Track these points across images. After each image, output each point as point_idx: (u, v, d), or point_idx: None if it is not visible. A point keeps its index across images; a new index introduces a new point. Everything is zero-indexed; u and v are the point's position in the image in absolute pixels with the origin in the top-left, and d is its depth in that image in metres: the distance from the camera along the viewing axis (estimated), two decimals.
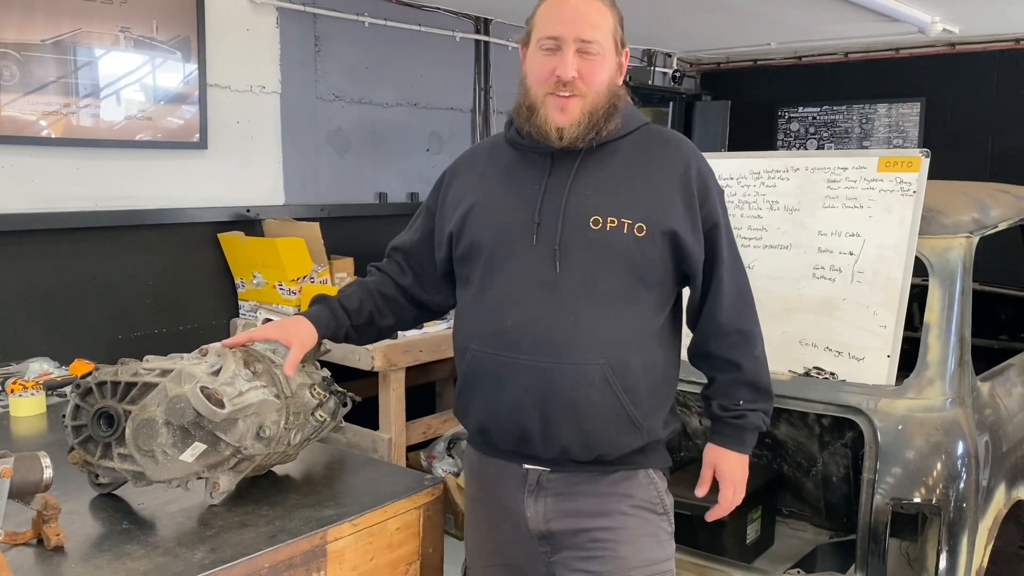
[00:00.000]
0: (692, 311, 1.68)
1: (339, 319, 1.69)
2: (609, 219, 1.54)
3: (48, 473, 1.26)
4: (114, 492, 1.56)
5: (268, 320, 1.70)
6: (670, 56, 5.89)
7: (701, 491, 1.71)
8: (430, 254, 1.75)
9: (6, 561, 1.19)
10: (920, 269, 2.25)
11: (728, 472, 1.69)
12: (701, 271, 1.61)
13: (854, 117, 5.65)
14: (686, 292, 1.69)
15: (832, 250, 2.29)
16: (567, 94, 1.54)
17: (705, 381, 1.74)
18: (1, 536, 1.18)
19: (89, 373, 1.52)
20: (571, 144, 1.57)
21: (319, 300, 1.72)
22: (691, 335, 1.72)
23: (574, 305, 1.53)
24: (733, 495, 1.70)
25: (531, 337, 1.54)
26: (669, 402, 1.65)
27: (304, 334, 1.63)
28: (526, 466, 1.60)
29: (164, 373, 1.47)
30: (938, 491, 2.05)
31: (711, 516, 1.73)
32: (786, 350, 2.29)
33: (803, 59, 5.75)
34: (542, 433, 1.55)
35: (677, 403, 1.83)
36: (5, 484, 1.16)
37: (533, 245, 1.56)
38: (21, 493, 1.25)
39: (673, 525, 1.68)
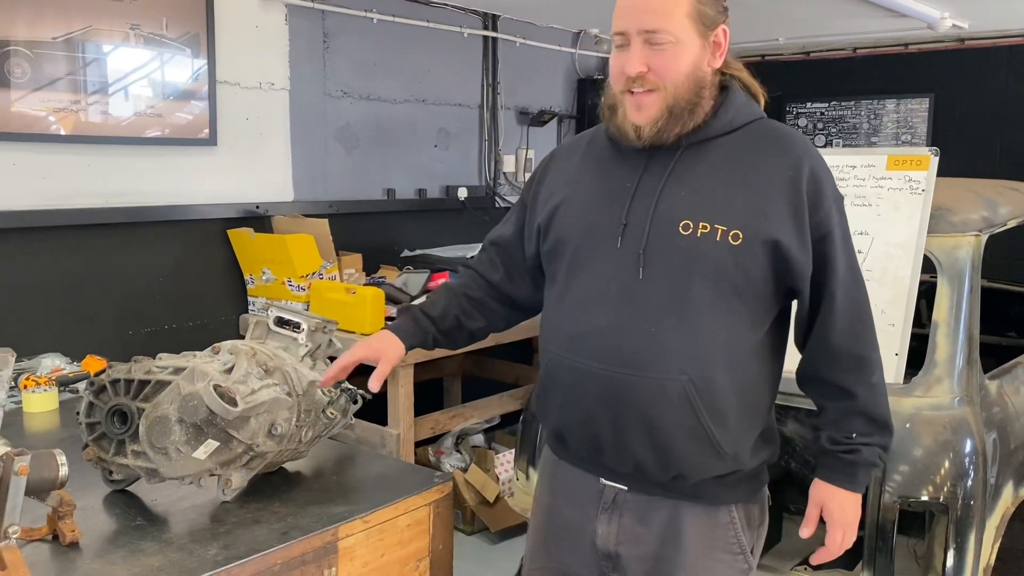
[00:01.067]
0: (800, 329, 1.53)
1: (423, 327, 1.66)
2: (701, 224, 1.41)
3: (64, 471, 1.28)
4: (127, 488, 1.58)
5: (280, 318, 1.71)
6: None
7: (805, 532, 1.54)
8: (521, 248, 1.68)
9: (22, 557, 1.21)
10: (928, 266, 2.26)
11: (837, 512, 1.51)
12: (809, 285, 1.46)
13: (863, 113, 5.63)
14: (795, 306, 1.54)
15: None
16: (640, 90, 1.43)
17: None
18: (18, 532, 1.19)
19: (103, 371, 1.54)
20: (654, 142, 1.45)
21: (403, 312, 1.71)
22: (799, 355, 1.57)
23: (655, 315, 1.43)
24: (843, 539, 1.53)
25: (607, 346, 1.46)
26: (760, 427, 1.51)
27: (391, 348, 1.62)
28: (603, 481, 1.55)
29: (177, 371, 1.48)
30: (946, 489, 2.05)
31: (816, 560, 1.58)
32: (793, 347, 2.30)
33: (811, 54, 5.73)
34: (615, 447, 1.49)
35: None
36: (22, 482, 1.18)
37: (618, 248, 1.46)
38: (37, 490, 1.26)
39: (755, 558, 1.57)
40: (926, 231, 2.18)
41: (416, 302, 1.91)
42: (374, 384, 1.57)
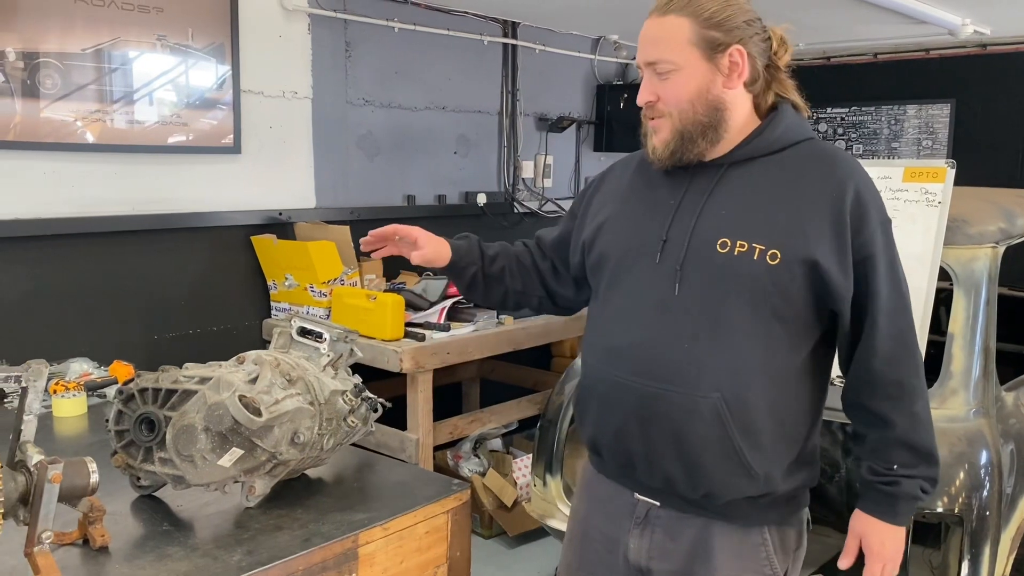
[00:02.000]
0: (843, 353, 1.51)
1: (473, 255, 1.72)
2: (739, 243, 1.42)
3: (95, 478, 1.32)
4: (154, 494, 1.62)
5: (303, 328, 1.75)
6: None
7: (844, 563, 1.53)
8: (565, 254, 1.73)
9: (55, 561, 1.25)
10: (944, 276, 2.26)
11: (876, 546, 1.49)
12: (850, 308, 1.44)
13: (883, 118, 5.61)
14: None
15: None
16: (652, 117, 1.50)
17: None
18: (51, 537, 1.24)
19: (131, 379, 1.58)
20: (674, 163, 1.50)
21: (463, 236, 1.76)
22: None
23: (690, 331, 1.44)
24: (882, 572, 1.50)
25: (641, 359, 1.48)
26: (797, 450, 1.48)
27: (441, 246, 1.68)
28: (637, 496, 1.56)
29: (203, 381, 1.52)
30: (961, 500, 2.06)
31: None
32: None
33: (831, 60, 5.72)
34: (647, 461, 1.50)
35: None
36: (55, 489, 1.22)
37: (657, 263, 1.48)
38: (69, 497, 1.30)
39: None
40: (942, 243, 2.19)
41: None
42: (415, 258, 1.64)
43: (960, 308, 2.21)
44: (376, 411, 1.80)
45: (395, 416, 3.03)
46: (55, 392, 2.16)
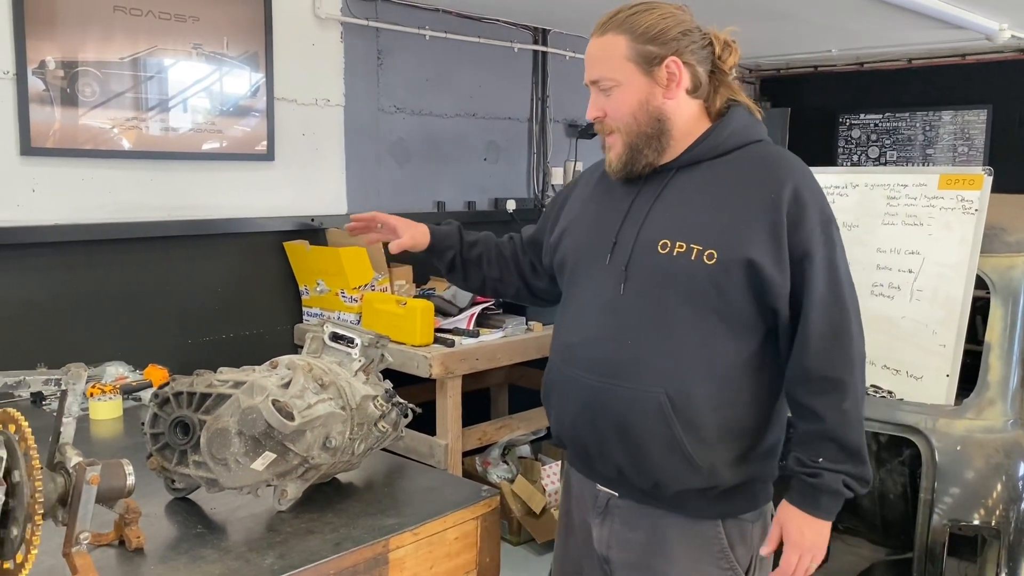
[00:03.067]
0: (783, 349, 1.54)
1: (452, 240, 1.85)
2: (678, 244, 1.48)
3: (131, 480, 1.34)
4: (188, 496, 1.64)
5: (335, 334, 1.77)
6: None
7: (765, 550, 1.56)
8: (539, 253, 1.84)
9: (92, 561, 1.27)
10: (982, 284, 2.23)
11: (795, 535, 1.51)
12: (787, 306, 1.47)
13: (917, 124, 5.54)
14: None
15: (891, 267, 2.28)
16: (604, 133, 1.59)
17: None
18: (88, 538, 1.26)
19: (167, 383, 1.60)
20: (627, 175, 1.58)
21: (446, 222, 1.89)
22: None
23: (635, 329, 1.52)
24: (798, 561, 1.52)
25: (591, 356, 1.56)
26: (746, 444, 1.52)
27: (419, 232, 1.84)
28: (598, 486, 1.64)
29: (237, 385, 1.54)
30: (998, 513, 2.03)
31: None
32: None
33: (865, 65, 5.67)
34: (599, 451, 1.58)
35: None
36: (93, 490, 1.24)
37: (606, 265, 1.57)
38: (106, 498, 1.32)
39: (751, 571, 1.57)
40: (979, 251, 2.16)
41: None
42: (394, 249, 1.78)
43: (997, 318, 2.18)
44: (406, 416, 1.82)
45: (424, 422, 3.04)
46: (92, 395, 2.20)
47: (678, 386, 1.47)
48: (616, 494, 1.61)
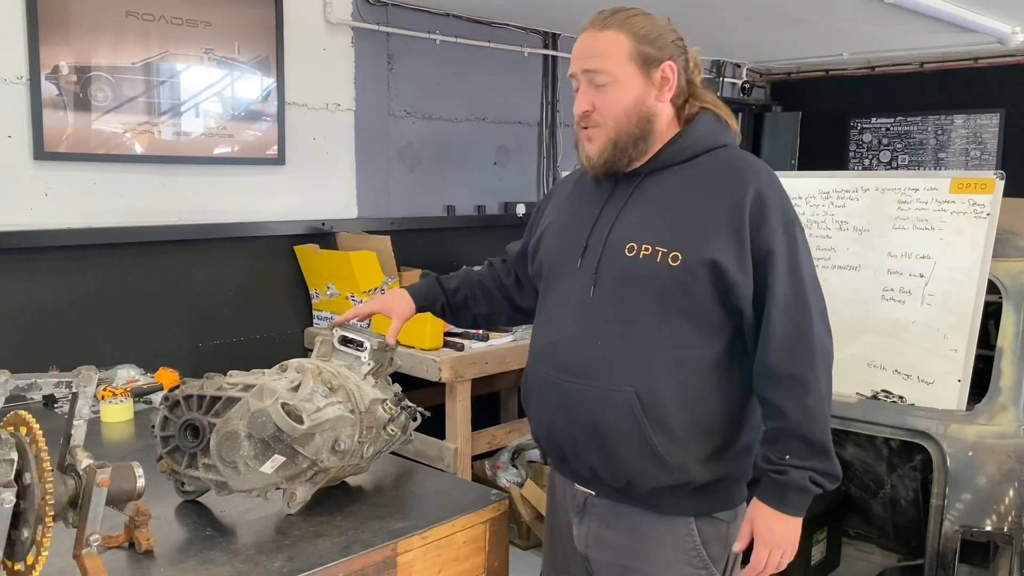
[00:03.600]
0: (750, 348, 1.55)
1: (435, 294, 1.86)
2: (644, 246, 1.51)
3: (141, 482, 1.34)
4: (197, 499, 1.65)
5: (344, 337, 1.77)
6: (739, 66, 5.85)
7: (737, 547, 1.58)
8: (526, 265, 1.84)
9: (102, 563, 1.28)
10: (994, 288, 2.22)
11: (764, 532, 1.52)
12: (750, 305, 1.50)
13: (929, 128, 5.52)
14: None
15: (902, 272, 2.27)
16: (586, 126, 1.58)
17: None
18: (98, 540, 1.26)
19: (177, 386, 1.61)
20: (607, 171, 1.59)
21: (423, 275, 1.91)
22: None
23: (604, 330, 1.54)
24: (767, 558, 1.53)
25: (563, 357, 1.59)
26: (718, 442, 1.54)
27: (403, 305, 1.83)
28: (576, 486, 1.66)
29: (246, 388, 1.55)
30: (1010, 519, 2.01)
31: None
32: (853, 372, 2.28)
33: (876, 69, 5.65)
34: (573, 451, 1.60)
35: None
36: (103, 492, 1.25)
37: (577, 268, 1.60)
38: (116, 500, 1.33)
39: (727, 570, 1.59)
40: (991, 256, 2.15)
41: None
42: (391, 338, 1.76)
43: (1009, 322, 2.17)
44: (415, 420, 1.82)
45: (434, 425, 3.05)
46: (103, 398, 2.21)
47: (647, 384, 1.50)
48: (593, 493, 1.63)
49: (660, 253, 1.50)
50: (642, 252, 1.52)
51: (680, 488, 1.54)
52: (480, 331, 3.30)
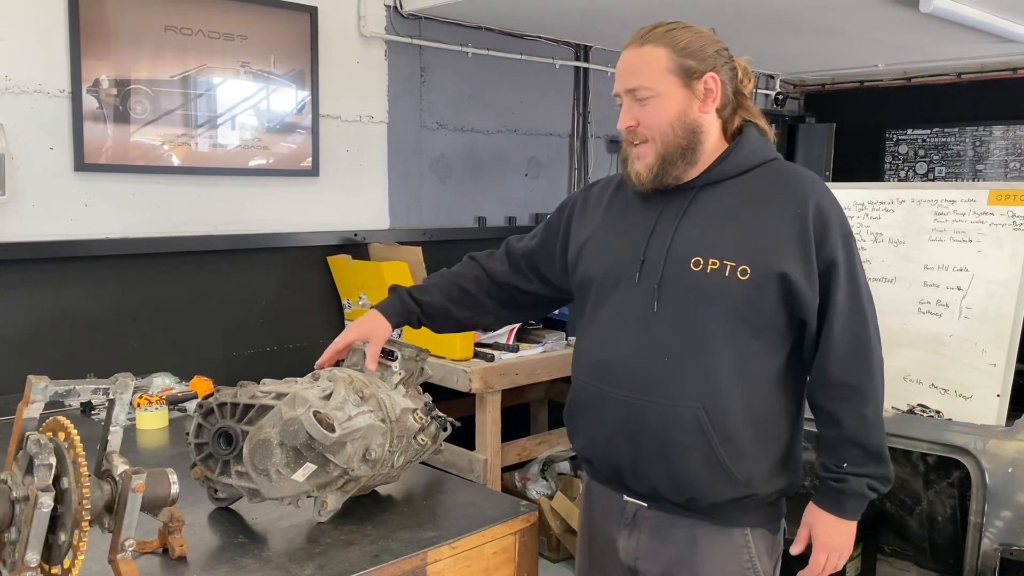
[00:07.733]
0: (807, 358, 1.59)
1: (408, 307, 1.83)
2: (711, 261, 1.51)
3: (175, 489, 1.36)
4: (230, 507, 1.66)
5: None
6: (773, 78, 5.81)
7: (795, 549, 1.63)
8: (534, 264, 1.84)
9: (137, 568, 1.29)
10: None
11: (823, 537, 1.59)
12: (815, 316, 1.52)
13: (967, 140, 5.44)
14: None
15: (939, 284, 2.24)
16: (635, 142, 1.59)
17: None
18: (133, 545, 1.28)
19: (211, 394, 1.63)
20: (655, 186, 1.59)
21: (392, 290, 1.86)
22: None
23: (669, 345, 1.54)
24: (826, 562, 1.60)
25: (625, 373, 1.57)
26: (778, 454, 1.57)
27: (379, 328, 1.79)
28: (625, 498, 1.65)
29: (279, 396, 1.56)
30: None
31: None
32: (889, 386, 2.24)
33: (912, 80, 5.58)
34: (633, 469, 1.59)
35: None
36: (138, 498, 1.26)
37: (636, 283, 1.58)
38: (150, 506, 1.34)
39: None
40: None
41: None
42: (371, 363, 1.71)
43: None
44: (445, 429, 1.82)
45: (464, 436, 3.05)
46: (139, 405, 2.24)
47: (714, 400, 1.50)
48: (644, 504, 1.63)
49: (728, 267, 1.50)
50: (709, 267, 1.51)
51: (743, 500, 1.55)
52: (510, 342, 3.30)
